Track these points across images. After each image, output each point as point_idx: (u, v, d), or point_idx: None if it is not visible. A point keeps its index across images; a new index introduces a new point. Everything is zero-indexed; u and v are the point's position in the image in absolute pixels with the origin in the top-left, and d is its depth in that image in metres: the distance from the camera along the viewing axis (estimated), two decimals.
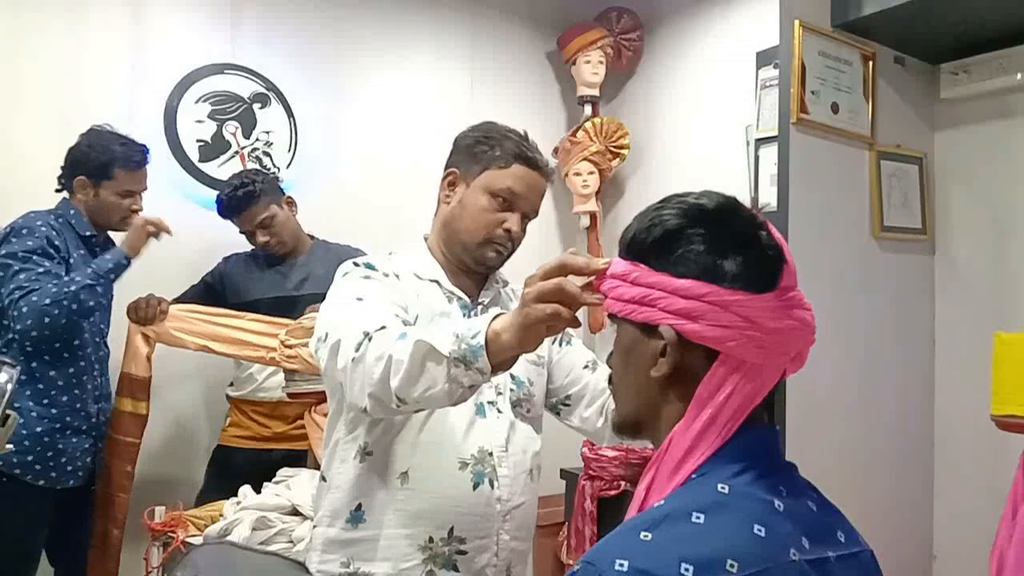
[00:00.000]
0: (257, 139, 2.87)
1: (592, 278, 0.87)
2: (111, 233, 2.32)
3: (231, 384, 2.61)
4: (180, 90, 2.74)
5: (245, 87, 2.86)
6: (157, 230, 2.24)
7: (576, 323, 0.95)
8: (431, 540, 1.29)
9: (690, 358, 0.75)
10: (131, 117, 2.67)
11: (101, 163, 2.20)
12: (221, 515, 2.01)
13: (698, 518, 0.69)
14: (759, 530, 0.69)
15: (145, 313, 2.28)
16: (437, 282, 1.42)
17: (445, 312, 1.38)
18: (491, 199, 1.38)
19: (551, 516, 3.19)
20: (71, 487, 2.14)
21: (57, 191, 2.24)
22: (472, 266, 1.43)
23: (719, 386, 0.75)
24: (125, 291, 2.35)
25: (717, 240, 0.75)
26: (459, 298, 1.42)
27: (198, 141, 2.78)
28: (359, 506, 1.31)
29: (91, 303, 2.05)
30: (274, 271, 2.56)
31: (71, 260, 2.14)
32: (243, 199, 2.47)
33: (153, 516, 2.13)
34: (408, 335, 1.10)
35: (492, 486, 1.32)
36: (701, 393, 0.75)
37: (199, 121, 2.78)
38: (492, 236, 1.39)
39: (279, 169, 2.89)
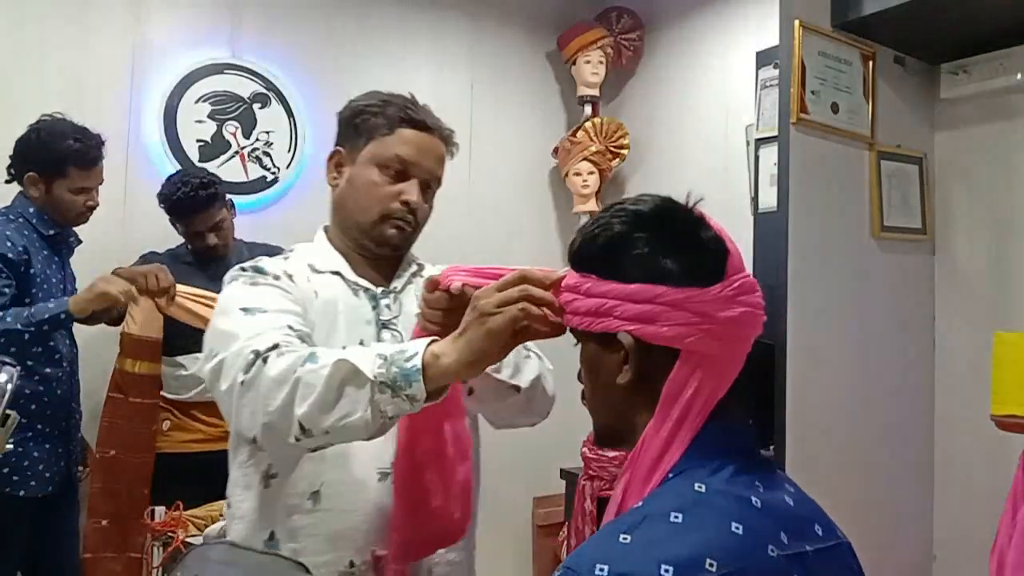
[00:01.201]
0: (257, 139, 2.87)
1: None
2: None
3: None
4: (180, 90, 2.75)
5: (245, 87, 2.86)
6: (115, 301, 2.08)
7: (558, 329, 0.86)
8: (352, 565, 1.14)
9: (653, 361, 0.77)
10: (131, 117, 2.67)
11: (54, 160, 2.10)
12: (221, 515, 2.01)
13: (676, 518, 0.69)
14: (737, 528, 0.69)
15: (156, 287, 2.22)
16: (339, 274, 1.27)
17: (351, 306, 1.24)
18: (381, 171, 1.24)
19: (551, 516, 3.19)
20: (50, 494, 2.10)
21: (7, 182, 2.17)
22: (375, 249, 1.28)
23: (684, 383, 0.76)
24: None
25: (658, 241, 0.77)
26: (365, 288, 1.27)
27: (198, 141, 2.78)
28: (272, 535, 1.16)
29: (12, 348, 1.93)
30: (211, 272, 2.46)
31: (32, 269, 2.07)
32: (206, 200, 2.39)
33: (153, 516, 2.13)
34: (319, 356, 0.98)
35: None
36: (668, 393, 0.76)
37: (199, 121, 2.78)
38: (389, 211, 1.25)
39: (279, 169, 2.89)
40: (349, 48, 3.04)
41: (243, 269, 1.23)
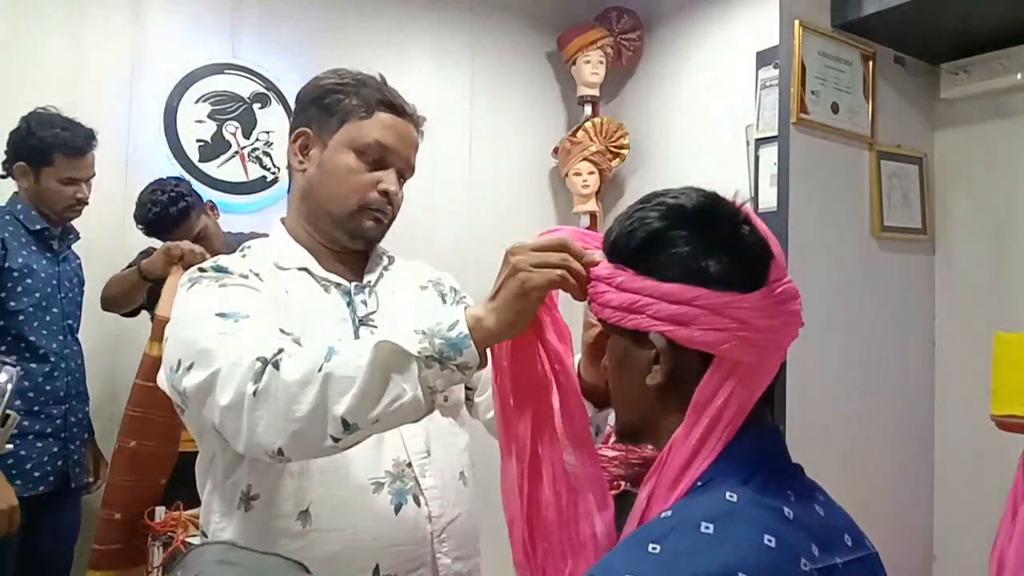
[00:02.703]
0: (257, 139, 2.87)
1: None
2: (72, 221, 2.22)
3: None
4: (180, 90, 2.75)
5: (245, 87, 2.86)
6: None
7: (584, 294, 0.83)
8: None
9: (684, 363, 0.74)
10: (131, 117, 2.67)
11: (40, 148, 2.08)
12: None
13: (707, 528, 0.66)
14: (769, 540, 0.66)
15: (191, 260, 2.12)
16: (307, 270, 1.17)
17: (324, 304, 1.15)
18: (358, 157, 1.16)
19: None
20: (42, 493, 2.04)
21: (1, 177, 2.15)
22: (347, 242, 1.19)
23: (716, 390, 0.73)
24: (105, 282, 2.35)
25: (701, 241, 0.74)
26: (337, 284, 1.18)
27: (198, 141, 2.78)
28: None
29: None
30: None
31: (8, 263, 2.02)
32: (178, 216, 2.31)
33: (153, 516, 2.13)
34: (340, 348, 0.91)
35: (418, 503, 1.10)
36: (699, 399, 0.73)
37: (199, 121, 2.78)
38: (367, 201, 1.16)
39: (279, 169, 2.89)
40: (349, 48, 3.04)
41: (202, 269, 1.11)
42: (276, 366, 0.92)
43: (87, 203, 2.19)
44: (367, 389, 0.87)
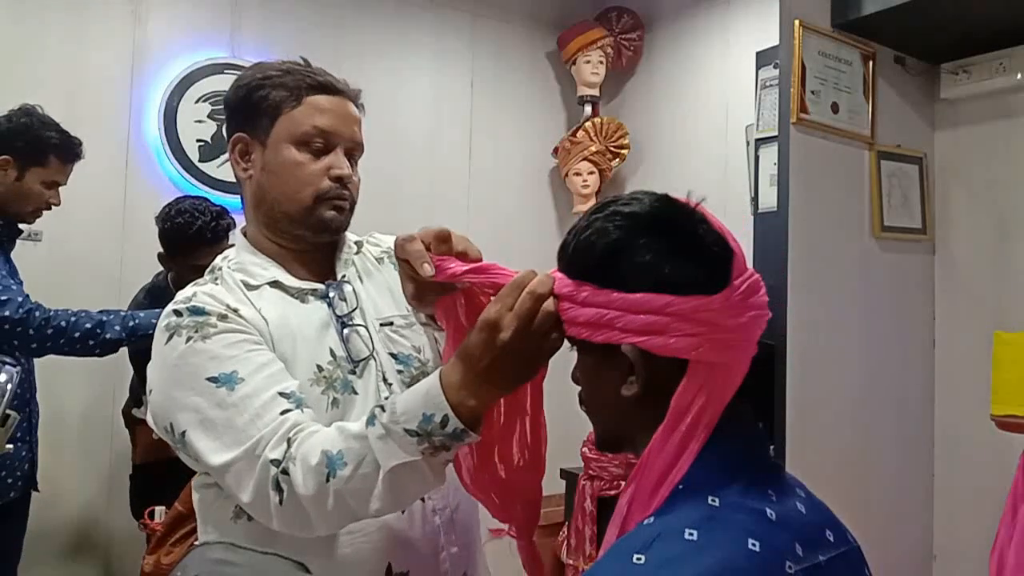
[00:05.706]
0: None
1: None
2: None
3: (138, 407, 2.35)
4: (180, 90, 2.75)
5: None
6: None
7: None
8: None
9: (659, 371, 0.73)
10: (131, 117, 2.67)
11: (39, 147, 2.01)
12: None
13: (691, 535, 0.66)
14: (753, 545, 0.66)
15: None
16: (278, 283, 1.12)
17: (303, 316, 1.10)
18: (300, 149, 1.10)
19: (551, 516, 3.19)
20: (11, 500, 1.98)
21: None
22: (313, 238, 1.14)
23: (694, 395, 0.72)
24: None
25: (661, 247, 0.73)
26: (312, 291, 1.13)
27: (198, 141, 2.78)
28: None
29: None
30: None
31: None
32: (224, 231, 2.20)
33: (153, 516, 2.13)
34: (338, 457, 0.90)
35: (422, 499, 1.09)
36: (677, 405, 0.73)
37: (199, 121, 2.79)
38: (322, 191, 1.10)
39: None
40: (349, 48, 3.04)
41: (178, 312, 1.03)
42: (286, 472, 0.93)
43: (56, 206, 2.12)
44: (390, 497, 0.91)
